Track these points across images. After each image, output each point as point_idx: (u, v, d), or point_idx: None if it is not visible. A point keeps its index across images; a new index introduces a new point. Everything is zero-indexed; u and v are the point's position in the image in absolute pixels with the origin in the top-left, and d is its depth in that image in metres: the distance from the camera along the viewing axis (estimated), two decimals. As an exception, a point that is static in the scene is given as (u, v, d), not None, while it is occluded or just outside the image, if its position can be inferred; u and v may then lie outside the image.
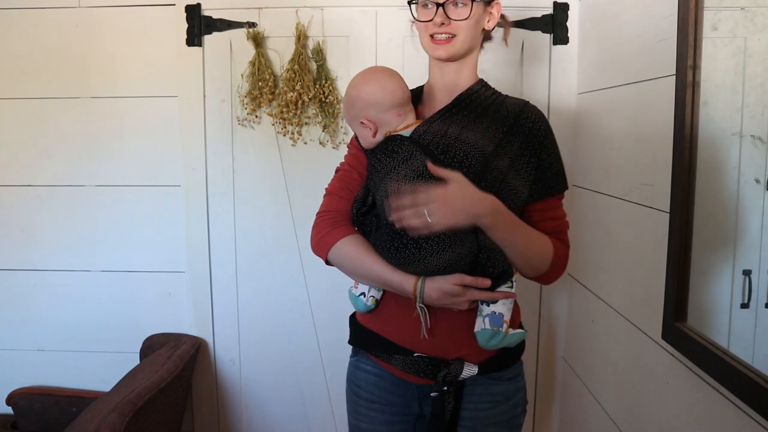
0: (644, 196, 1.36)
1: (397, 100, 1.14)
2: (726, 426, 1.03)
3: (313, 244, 1.23)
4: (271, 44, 1.85)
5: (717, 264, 1.10)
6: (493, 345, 1.13)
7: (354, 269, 1.18)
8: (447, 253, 1.06)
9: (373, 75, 1.17)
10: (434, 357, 1.17)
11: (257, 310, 1.98)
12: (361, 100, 1.15)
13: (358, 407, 1.28)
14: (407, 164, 1.09)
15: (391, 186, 1.09)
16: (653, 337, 1.31)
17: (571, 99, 1.85)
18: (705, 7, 1.07)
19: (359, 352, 1.29)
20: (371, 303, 1.22)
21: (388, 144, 1.15)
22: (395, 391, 1.23)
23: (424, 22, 1.15)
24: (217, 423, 2.06)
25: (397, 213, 1.04)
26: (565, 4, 1.82)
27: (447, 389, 1.15)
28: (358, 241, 1.18)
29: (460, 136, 1.12)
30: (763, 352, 0.93)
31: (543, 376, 1.99)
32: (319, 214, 1.25)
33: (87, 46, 1.89)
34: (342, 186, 1.24)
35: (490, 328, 1.12)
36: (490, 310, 1.13)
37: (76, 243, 1.98)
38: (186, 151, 1.91)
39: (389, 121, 1.16)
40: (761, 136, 0.96)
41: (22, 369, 2.03)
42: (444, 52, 1.15)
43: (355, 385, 1.29)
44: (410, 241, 1.07)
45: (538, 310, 1.96)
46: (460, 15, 1.13)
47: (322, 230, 1.21)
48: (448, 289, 1.08)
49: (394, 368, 1.21)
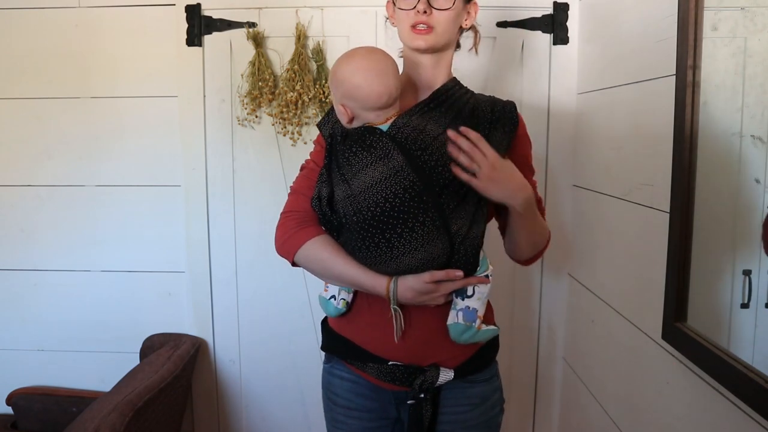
0: (644, 196, 1.36)
1: (381, 104, 1.09)
2: (726, 426, 1.03)
3: (278, 245, 1.19)
4: (271, 44, 1.85)
5: (717, 264, 1.10)
6: (465, 340, 1.13)
7: (324, 271, 1.16)
8: (419, 252, 1.05)
9: (368, 69, 1.09)
10: (409, 365, 1.15)
11: (257, 310, 1.98)
12: (346, 89, 1.10)
13: (336, 414, 1.26)
14: (384, 162, 1.06)
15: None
16: (653, 337, 1.31)
17: (571, 99, 1.85)
18: (705, 7, 1.07)
19: (333, 359, 1.27)
20: (342, 306, 1.19)
21: (365, 136, 1.09)
22: (372, 396, 1.22)
23: (405, 10, 1.13)
24: (217, 423, 2.06)
25: (455, 148, 1.06)
26: (565, 4, 1.82)
27: (423, 396, 1.15)
28: (327, 242, 1.15)
29: (439, 136, 1.10)
30: (763, 352, 0.93)
31: (543, 376, 1.99)
32: (284, 213, 1.21)
33: (87, 46, 1.89)
34: (308, 184, 1.20)
35: (463, 323, 1.12)
36: (464, 304, 1.12)
37: (76, 243, 1.98)
38: (186, 151, 1.91)
39: (367, 118, 1.12)
40: (761, 136, 0.96)
41: (22, 369, 2.03)
42: (423, 42, 1.14)
43: (330, 392, 1.27)
44: (382, 240, 1.05)
45: (538, 310, 1.96)
46: (442, 5, 1.12)
47: (287, 231, 1.17)
48: (420, 287, 1.07)
49: (369, 376, 1.19)
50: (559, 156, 1.87)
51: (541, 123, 1.87)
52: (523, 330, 1.97)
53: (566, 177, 1.88)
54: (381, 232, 1.05)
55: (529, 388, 2.01)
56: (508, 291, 1.95)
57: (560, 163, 1.87)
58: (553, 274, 1.93)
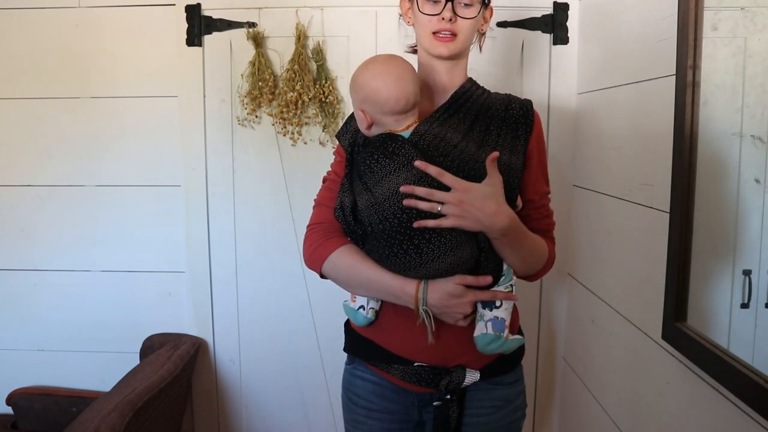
0: (644, 196, 1.36)
1: (399, 109, 1.09)
2: (726, 426, 1.03)
3: (306, 257, 1.20)
4: (271, 44, 1.85)
5: (717, 264, 1.10)
6: (492, 350, 1.11)
7: (351, 280, 1.16)
8: (448, 256, 1.05)
9: (387, 73, 1.09)
10: (435, 366, 1.15)
11: (257, 310, 1.98)
12: (365, 93, 1.10)
13: (356, 415, 1.25)
14: (408, 169, 1.06)
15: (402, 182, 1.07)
16: (653, 337, 1.31)
17: (571, 99, 1.85)
18: (705, 7, 1.07)
19: (355, 360, 1.27)
20: (371, 315, 1.19)
21: (387, 144, 1.10)
22: (394, 399, 1.21)
23: (429, 15, 1.12)
24: (217, 423, 2.06)
25: (409, 200, 1.04)
26: (565, 4, 1.82)
27: (450, 397, 1.14)
28: (353, 251, 1.15)
29: (459, 144, 1.11)
30: (763, 352, 0.93)
31: (543, 376, 1.99)
32: (310, 226, 1.23)
33: (87, 46, 1.89)
34: (331, 196, 1.21)
35: (492, 333, 1.10)
36: (493, 314, 1.11)
37: (76, 243, 1.98)
38: (186, 151, 1.91)
39: (386, 123, 1.12)
40: (761, 136, 0.96)
41: (22, 369, 2.03)
42: (446, 50, 1.14)
43: (352, 393, 1.26)
44: (411, 247, 1.05)
45: (538, 310, 1.96)
46: (467, 14, 1.12)
47: (314, 243, 1.18)
48: (451, 289, 1.07)
49: (394, 377, 1.19)
50: (559, 156, 1.87)
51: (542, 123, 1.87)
52: (523, 330, 1.96)
53: (566, 177, 1.88)
54: (409, 238, 1.05)
55: (529, 388, 1.99)
56: (508, 291, 1.94)
57: (560, 163, 1.87)
58: (553, 274, 1.93)
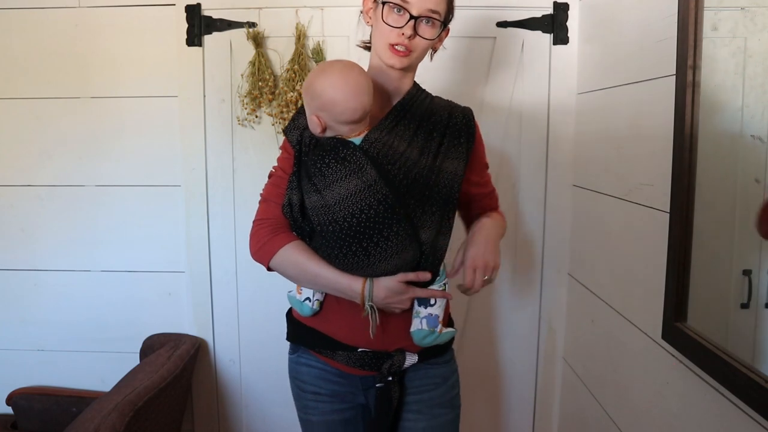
0: (644, 196, 1.36)
1: (355, 119, 1.14)
2: (726, 426, 1.03)
3: (253, 252, 1.25)
4: (271, 44, 1.85)
5: (717, 264, 1.10)
6: (427, 343, 1.21)
7: (300, 275, 1.21)
8: (394, 259, 1.13)
9: (345, 85, 1.12)
10: (378, 351, 1.22)
11: (257, 310, 1.98)
12: (322, 102, 1.13)
13: (305, 401, 1.31)
14: (358, 176, 1.11)
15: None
16: (653, 337, 1.31)
17: (571, 99, 1.85)
18: (705, 7, 1.07)
19: (299, 348, 1.32)
20: (317, 306, 1.25)
21: (339, 149, 1.13)
22: (340, 382, 1.28)
23: (391, 27, 1.15)
24: (217, 423, 2.06)
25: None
26: (565, 4, 1.82)
27: (391, 379, 1.22)
28: (301, 248, 1.20)
29: (405, 152, 1.16)
30: (763, 352, 0.93)
31: (543, 376, 1.99)
32: (257, 221, 1.26)
33: (87, 46, 1.89)
34: (278, 192, 1.24)
35: (427, 328, 1.20)
36: (427, 312, 1.20)
37: (76, 243, 1.97)
38: (186, 151, 1.91)
39: (340, 131, 1.16)
40: (761, 136, 0.96)
41: (22, 369, 2.03)
42: (399, 63, 1.18)
43: (299, 380, 1.32)
44: (359, 249, 1.12)
45: (538, 310, 1.96)
46: (427, 34, 1.16)
47: (262, 239, 1.22)
48: (394, 286, 1.15)
49: (338, 363, 1.25)
50: (559, 156, 1.87)
51: (541, 123, 1.87)
52: (523, 330, 1.97)
53: (566, 177, 1.88)
54: (358, 241, 1.11)
55: (529, 388, 2.01)
56: (508, 291, 1.95)
57: (560, 163, 1.88)
58: (553, 274, 1.93)
